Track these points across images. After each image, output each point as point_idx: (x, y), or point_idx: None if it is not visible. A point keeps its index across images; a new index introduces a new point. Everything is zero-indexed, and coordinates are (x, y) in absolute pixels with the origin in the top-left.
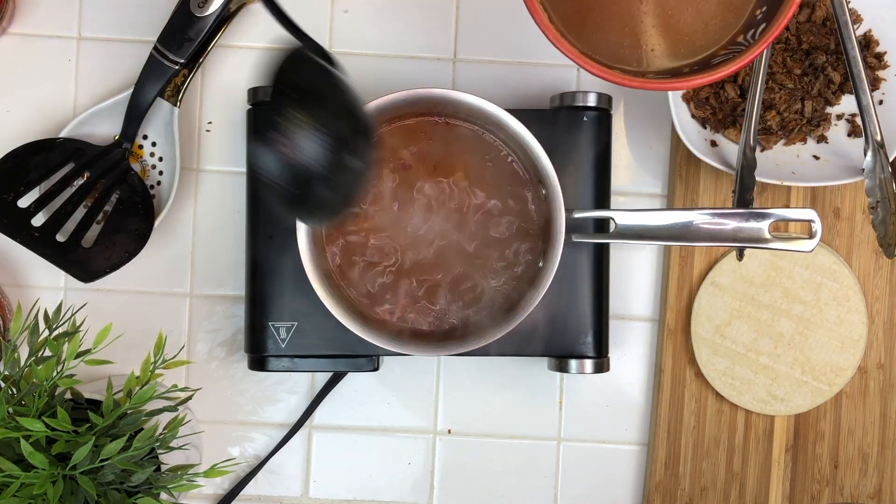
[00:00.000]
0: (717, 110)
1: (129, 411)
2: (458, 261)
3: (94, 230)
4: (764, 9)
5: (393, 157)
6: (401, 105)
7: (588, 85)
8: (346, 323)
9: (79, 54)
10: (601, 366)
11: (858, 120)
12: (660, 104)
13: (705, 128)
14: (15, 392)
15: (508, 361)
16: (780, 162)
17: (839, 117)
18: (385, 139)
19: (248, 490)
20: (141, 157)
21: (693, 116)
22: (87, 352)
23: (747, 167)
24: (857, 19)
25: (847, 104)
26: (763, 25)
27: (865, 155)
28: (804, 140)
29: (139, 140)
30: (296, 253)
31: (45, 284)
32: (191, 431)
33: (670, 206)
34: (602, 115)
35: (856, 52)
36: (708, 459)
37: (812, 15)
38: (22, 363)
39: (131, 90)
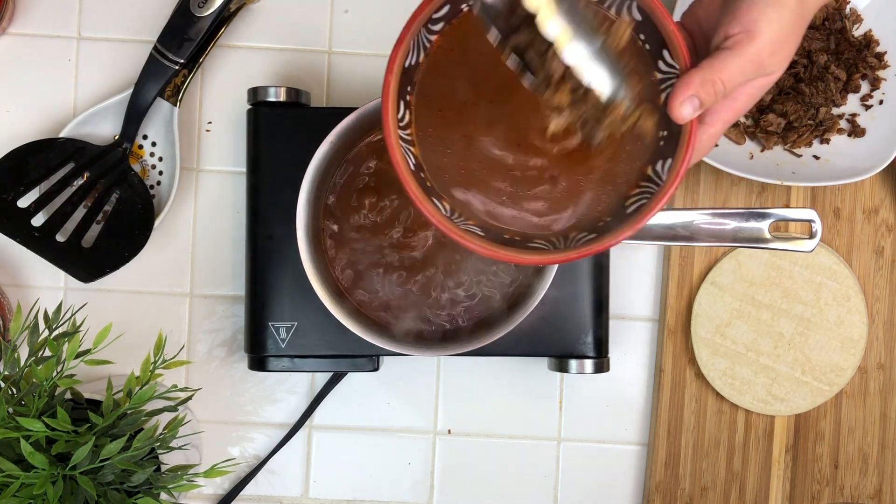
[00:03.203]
0: None
1: (129, 411)
2: (459, 261)
3: (94, 230)
4: (608, 220)
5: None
6: None
7: None
8: (346, 323)
9: (79, 54)
10: (601, 366)
11: (858, 120)
12: None
13: None
14: (15, 392)
15: (508, 361)
16: (780, 162)
17: (840, 117)
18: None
19: (248, 490)
20: (141, 157)
21: None
22: (87, 352)
23: None
24: (857, 19)
25: (849, 104)
26: (593, 236)
27: None
28: (809, 144)
29: (139, 140)
30: (296, 253)
31: (45, 284)
32: (191, 431)
33: (670, 206)
34: None
35: None
36: (708, 459)
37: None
38: (22, 363)
39: (131, 90)
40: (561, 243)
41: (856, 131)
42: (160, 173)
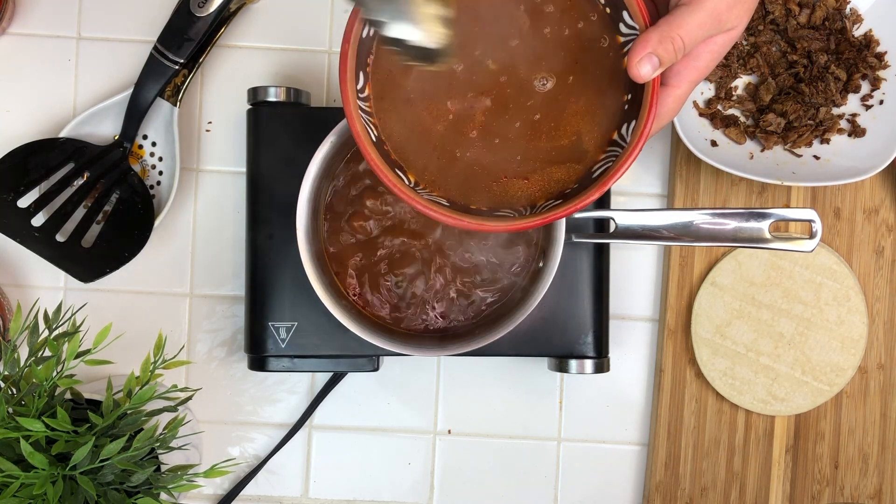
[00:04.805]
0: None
1: (129, 411)
2: (458, 260)
3: (94, 230)
4: (575, 186)
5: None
6: None
7: None
8: (346, 323)
9: (79, 54)
10: (601, 366)
11: (859, 120)
12: None
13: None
14: (15, 392)
15: (508, 361)
16: (780, 162)
17: (840, 117)
18: None
19: (248, 490)
20: (141, 157)
21: (701, 115)
22: (87, 352)
23: None
24: (857, 19)
25: (850, 104)
26: (559, 202)
27: None
28: (810, 144)
29: (139, 140)
30: (296, 253)
31: (45, 284)
32: (191, 431)
33: (670, 206)
34: None
35: None
36: (708, 459)
37: (812, 16)
38: (22, 363)
39: (131, 90)
40: (527, 211)
41: (856, 131)
42: (160, 173)
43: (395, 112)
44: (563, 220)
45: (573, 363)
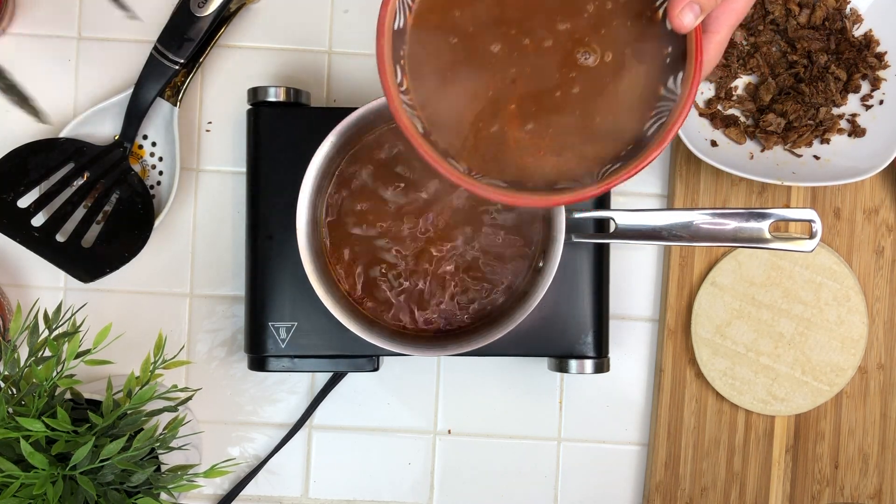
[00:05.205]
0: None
1: (129, 411)
2: (458, 260)
3: (94, 230)
4: (630, 148)
5: (393, 157)
6: None
7: None
8: (346, 323)
9: (79, 54)
10: (601, 366)
11: (859, 120)
12: None
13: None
14: (15, 392)
15: (508, 361)
16: (780, 162)
17: (840, 117)
18: (384, 139)
19: (248, 490)
20: (141, 157)
21: (701, 115)
22: (87, 352)
23: None
24: (857, 19)
25: (850, 104)
26: (619, 165)
27: None
28: (810, 144)
29: (139, 140)
30: (296, 253)
31: (45, 284)
32: (191, 431)
33: (670, 206)
34: None
35: None
36: (708, 459)
37: (812, 16)
38: (22, 363)
39: (131, 90)
40: (588, 179)
41: (856, 131)
42: (160, 173)
43: (436, 100)
44: (563, 220)
45: (573, 363)
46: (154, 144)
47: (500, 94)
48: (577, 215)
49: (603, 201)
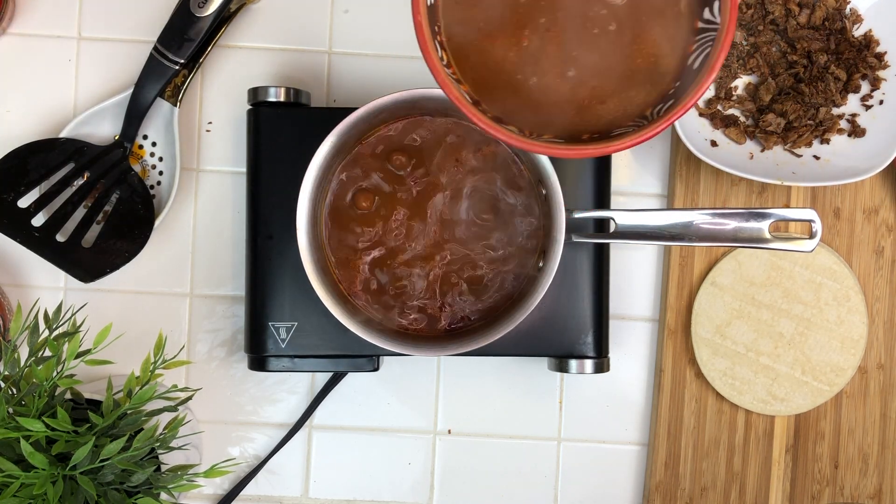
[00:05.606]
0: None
1: (129, 411)
2: (458, 260)
3: (94, 230)
4: (677, 84)
5: (393, 157)
6: (400, 105)
7: None
8: (346, 323)
9: (79, 54)
10: (601, 366)
11: (858, 120)
12: None
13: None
14: (15, 392)
15: (508, 361)
16: (780, 162)
17: (840, 117)
18: (384, 139)
19: (248, 490)
20: (141, 157)
21: (701, 115)
22: (87, 352)
23: None
24: (857, 19)
25: (849, 104)
26: (671, 102)
27: None
28: (810, 144)
29: (139, 140)
30: (296, 253)
31: (45, 284)
32: (191, 431)
33: (670, 206)
34: None
35: None
36: (708, 459)
37: (812, 16)
38: (22, 363)
39: (131, 90)
40: (642, 122)
41: (856, 131)
42: (160, 173)
43: (476, 66)
44: (563, 220)
45: (573, 363)
46: (154, 144)
47: (537, 46)
48: (577, 215)
49: (603, 201)
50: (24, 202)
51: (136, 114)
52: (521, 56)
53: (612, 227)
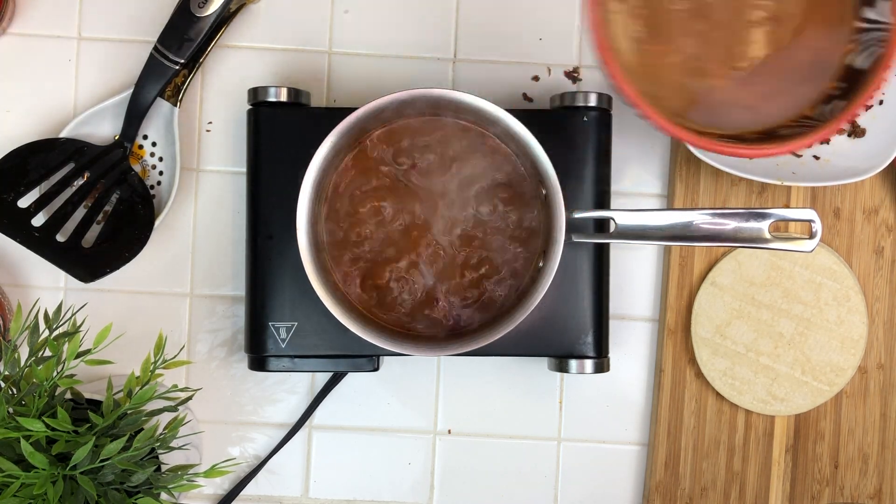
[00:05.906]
0: None
1: (129, 411)
2: (458, 260)
3: (94, 230)
4: (844, 85)
5: (393, 157)
6: (400, 105)
7: (589, 85)
8: (346, 323)
9: (79, 54)
10: (601, 366)
11: (858, 120)
12: None
13: None
14: (15, 392)
15: (508, 361)
16: (780, 162)
17: None
18: (384, 139)
19: (248, 490)
20: (141, 157)
21: None
22: (87, 352)
23: None
24: None
25: None
26: (837, 102)
27: None
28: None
29: (139, 140)
30: (296, 253)
31: (45, 284)
32: (191, 431)
33: (670, 206)
34: (602, 115)
35: None
36: (708, 459)
37: None
38: (22, 363)
39: (131, 90)
40: (806, 122)
41: (856, 131)
42: (160, 173)
43: (649, 67)
44: (563, 220)
45: (573, 363)
46: (154, 144)
47: (701, 46)
48: (577, 215)
49: (603, 201)
50: (24, 202)
51: (136, 114)
52: (688, 57)
53: (612, 228)
